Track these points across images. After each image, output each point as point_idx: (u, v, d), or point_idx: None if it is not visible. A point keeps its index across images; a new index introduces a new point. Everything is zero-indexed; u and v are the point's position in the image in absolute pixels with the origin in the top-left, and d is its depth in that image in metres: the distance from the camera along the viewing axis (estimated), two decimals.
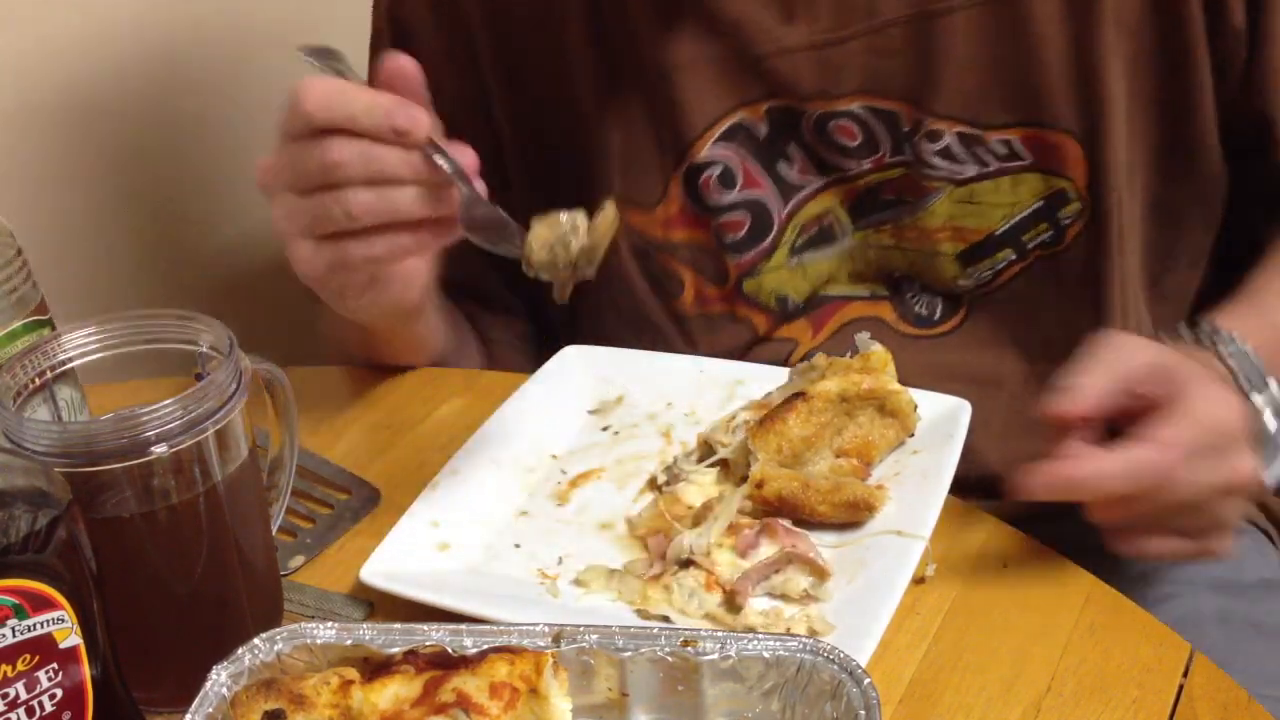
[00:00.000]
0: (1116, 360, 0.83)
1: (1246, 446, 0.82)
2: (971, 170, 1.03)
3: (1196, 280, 1.12)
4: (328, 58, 0.90)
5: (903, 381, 0.91)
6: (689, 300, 1.11)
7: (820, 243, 1.09)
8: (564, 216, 0.82)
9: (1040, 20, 0.99)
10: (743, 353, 1.11)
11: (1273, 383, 0.88)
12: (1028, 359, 1.06)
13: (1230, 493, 0.82)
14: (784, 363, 1.06)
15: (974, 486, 0.91)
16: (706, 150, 1.06)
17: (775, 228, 1.08)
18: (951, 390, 0.94)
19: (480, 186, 0.83)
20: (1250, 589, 1.04)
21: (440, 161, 0.82)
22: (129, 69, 1.47)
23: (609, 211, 0.82)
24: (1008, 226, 1.04)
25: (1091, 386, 0.81)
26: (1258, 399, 0.87)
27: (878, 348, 0.92)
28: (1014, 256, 1.06)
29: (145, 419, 0.71)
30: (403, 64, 0.84)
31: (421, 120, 0.81)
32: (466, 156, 0.83)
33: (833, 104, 1.03)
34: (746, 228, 1.08)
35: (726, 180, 1.07)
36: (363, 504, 0.95)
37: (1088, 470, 0.79)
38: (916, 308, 1.09)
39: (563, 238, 0.81)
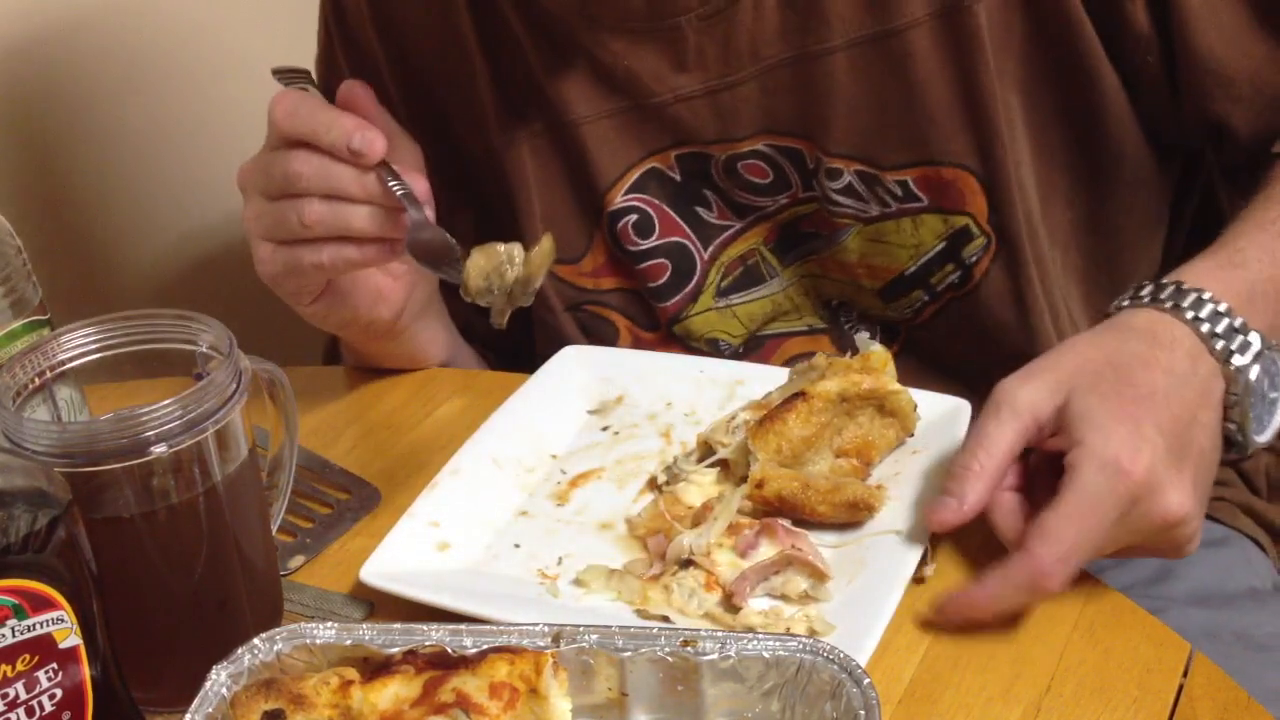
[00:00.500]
0: (1003, 430, 0.80)
1: (1173, 478, 0.77)
2: (875, 210, 1.03)
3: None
4: (297, 77, 0.97)
5: None
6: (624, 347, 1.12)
7: (747, 284, 1.09)
8: (502, 247, 0.85)
9: (921, 57, 0.97)
10: None
11: (1256, 337, 0.83)
12: (968, 387, 1.01)
13: (1167, 529, 0.78)
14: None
15: None
16: (620, 199, 1.07)
17: (699, 271, 1.08)
18: None
19: (429, 213, 0.87)
20: (1237, 599, 1.03)
21: (392, 184, 0.87)
22: (130, 69, 1.48)
23: (545, 244, 0.85)
24: (915, 268, 1.04)
25: (979, 475, 0.79)
26: (1239, 360, 0.82)
27: (877, 348, 0.92)
28: (926, 298, 1.05)
29: (145, 419, 0.71)
30: (356, 91, 0.91)
31: (377, 144, 0.87)
32: (419, 185, 0.88)
33: (736, 146, 1.04)
34: (669, 272, 1.09)
35: (643, 228, 1.08)
36: (363, 504, 0.95)
37: (981, 601, 0.78)
38: (855, 338, 1.09)
39: (499, 267, 0.85)
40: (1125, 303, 0.86)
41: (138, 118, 1.50)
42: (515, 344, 1.17)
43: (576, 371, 1.02)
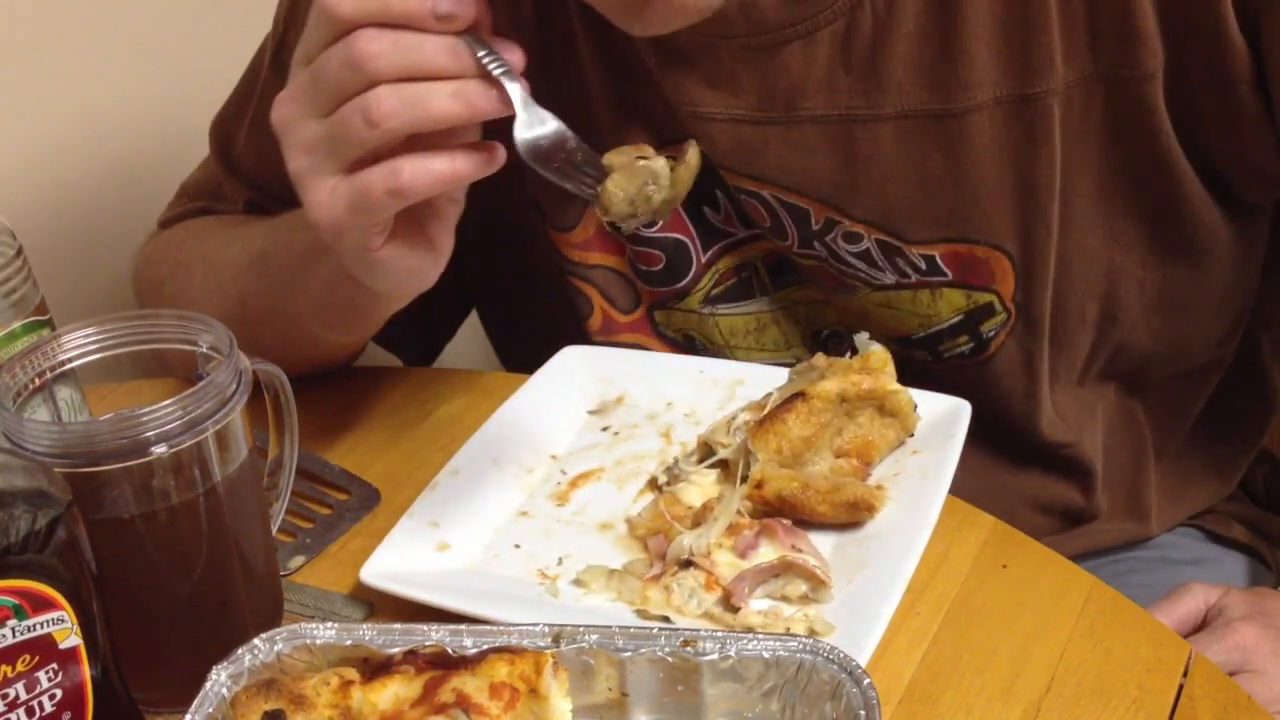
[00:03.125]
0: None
1: None
2: (890, 279, 0.98)
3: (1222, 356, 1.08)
4: None
5: None
6: (595, 325, 1.09)
7: (736, 296, 1.05)
8: (643, 163, 0.75)
9: (977, 140, 0.92)
10: None
11: None
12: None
13: None
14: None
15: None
16: None
17: (693, 271, 1.04)
18: None
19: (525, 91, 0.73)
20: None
21: (484, 56, 0.71)
22: (131, 68, 1.48)
23: (691, 158, 0.76)
24: (924, 335, 1.01)
25: None
26: None
27: (877, 348, 0.92)
28: (929, 359, 1.02)
29: (145, 419, 0.71)
30: None
31: (468, 3, 0.71)
32: (514, 55, 0.73)
33: (743, 182, 0.98)
34: (662, 265, 1.05)
35: None
36: (363, 504, 0.95)
37: None
38: (855, 337, 1.07)
39: (643, 189, 0.75)
40: None
41: (139, 117, 1.50)
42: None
43: (576, 371, 1.02)
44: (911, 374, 0.93)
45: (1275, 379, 1.14)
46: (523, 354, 1.13)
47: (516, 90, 0.72)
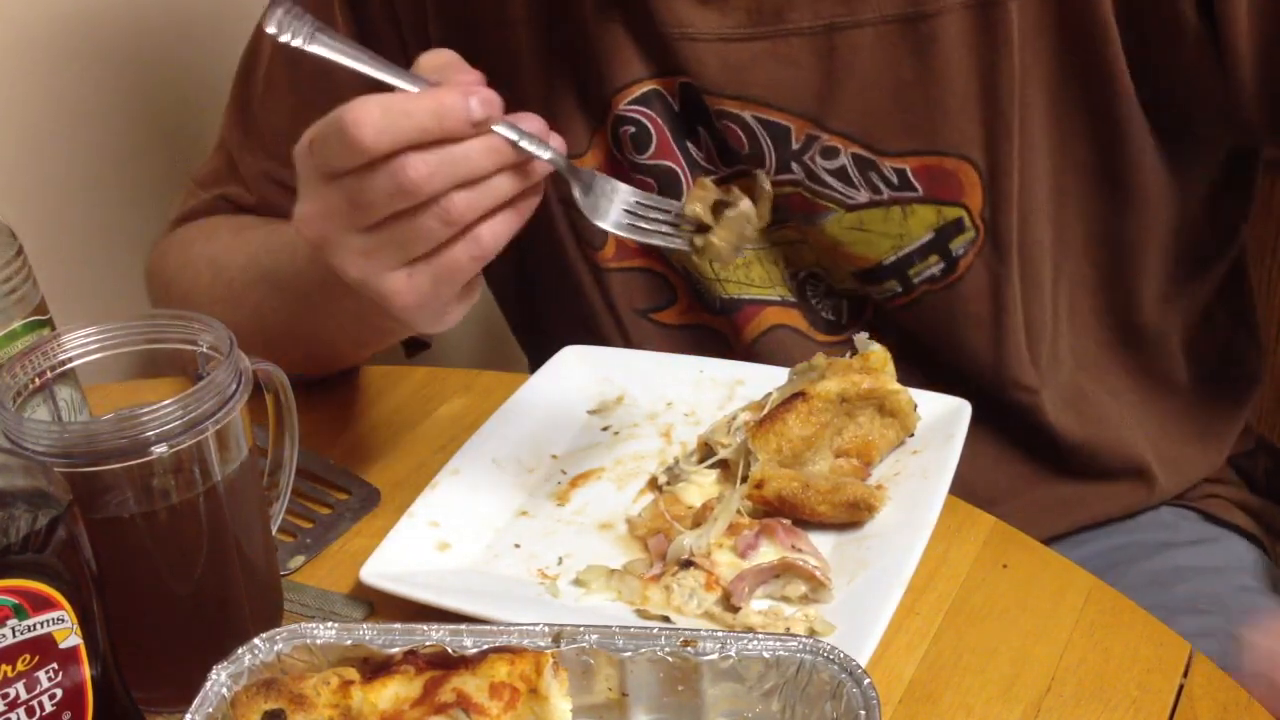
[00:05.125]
0: None
1: None
2: (864, 197, 1.01)
3: (1182, 310, 1.10)
4: (298, 24, 0.78)
5: None
6: (609, 253, 1.10)
7: None
8: (732, 213, 0.79)
9: (946, 44, 0.96)
10: (662, 309, 1.12)
11: None
12: (933, 373, 1.03)
13: None
14: (718, 353, 1.07)
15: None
16: (624, 106, 1.04)
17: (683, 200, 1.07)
18: None
19: (557, 145, 0.77)
20: (1233, 594, 1.04)
21: (511, 135, 0.75)
22: (132, 69, 1.48)
23: (764, 184, 0.81)
24: (895, 259, 1.02)
25: None
26: None
27: (877, 348, 0.92)
28: (899, 289, 1.04)
29: (145, 419, 0.71)
30: (449, 56, 0.79)
31: (494, 100, 0.75)
32: (534, 124, 0.77)
33: (727, 104, 1.01)
34: (655, 191, 1.06)
35: (640, 142, 1.05)
36: (363, 504, 0.95)
37: None
38: (823, 313, 1.09)
39: (742, 233, 0.80)
40: None
41: (140, 117, 1.50)
42: None
43: (576, 371, 1.02)
44: (880, 321, 0.97)
45: (1242, 342, 1.16)
46: (538, 339, 1.15)
47: (560, 160, 0.77)
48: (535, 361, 1.22)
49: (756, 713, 0.69)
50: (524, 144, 0.75)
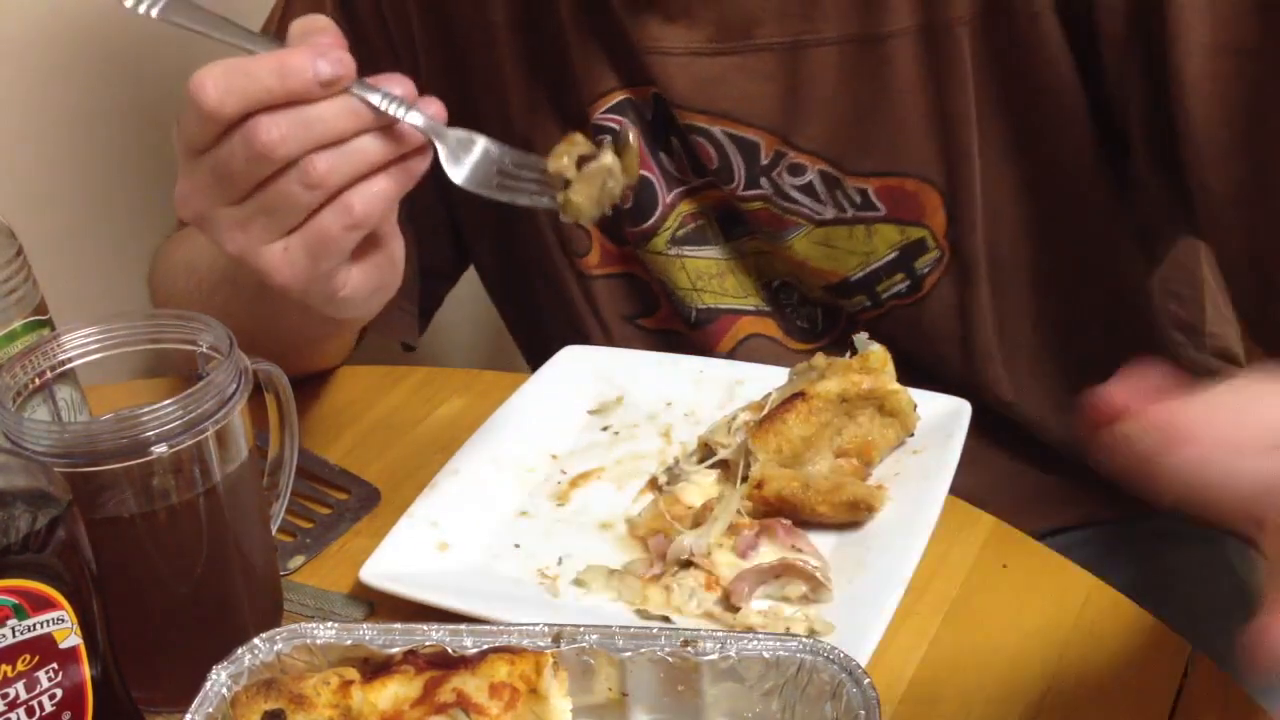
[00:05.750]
0: None
1: None
2: (830, 213, 1.01)
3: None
4: (183, 9, 0.78)
5: None
6: (594, 260, 1.11)
7: (698, 240, 1.08)
8: (595, 165, 0.78)
9: (900, 67, 0.96)
10: (646, 315, 1.12)
11: None
12: (906, 381, 1.02)
13: None
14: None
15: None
16: (598, 116, 1.05)
17: (659, 210, 1.07)
18: None
19: (432, 110, 0.75)
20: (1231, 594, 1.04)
21: (373, 97, 0.73)
22: (131, 69, 1.47)
23: (632, 139, 0.79)
24: (862, 275, 1.03)
25: None
26: None
27: (877, 348, 0.92)
28: (869, 304, 1.04)
29: (145, 419, 0.71)
30: (320, 23, 0.76)
31: (345, 60, 0.73)
32: (403, 87, 0.74)
33: (696, 118, 1.01)
34: (632, 200, 1.06)
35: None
36: (363, 504, 0.95)
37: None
38: (797, 321, 1.09)
39: (604, 188, 0.78)
40: None
41: (140, 117, 1.50)
42: None
43: (576, 371, 1.02)
44: (854, 330, 0.96)
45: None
46: (531, 338, 1.16)
47: (420, 120, 0.74)
48: (533, 361, 1.22)
49: (756, 713, 0.69)
50: (383, 105, 0.73)
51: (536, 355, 1.05)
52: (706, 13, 0.98)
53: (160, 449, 0.72)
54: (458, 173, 0.77)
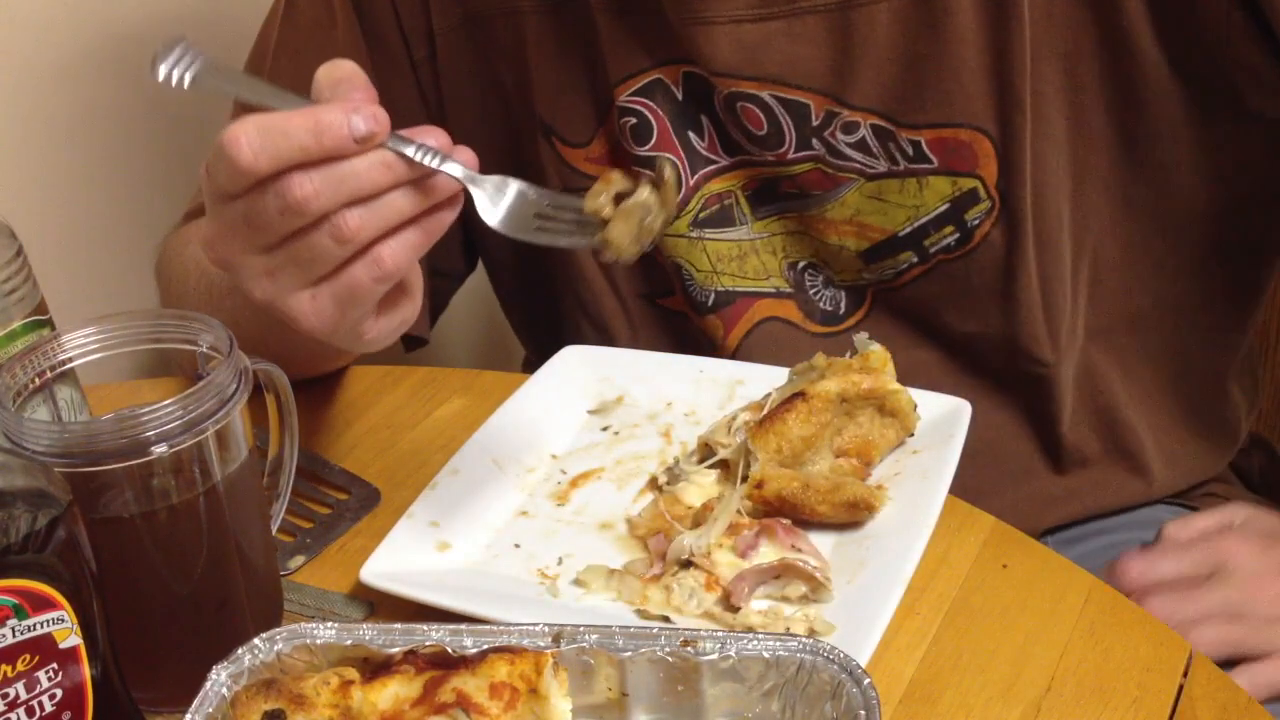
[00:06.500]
0: None
1: None
2: (883, 166, 1.01)
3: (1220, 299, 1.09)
4: (188, 63, 0.79)
5: None
6: None
7: (720, 222, 1.08)
8: (633, 202, 0.77)
9: (959, 16, 0.96)
10: (666, 296, 1.12)
11: None
12: (937, 351, 1.06)
13: None
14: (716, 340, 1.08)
15: None
16: (626, 97, 1.05)
17: (682, 194, 1.07)
18: None
19: (465, 159, 0.75)
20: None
21: (410, 151, 0.73)
22: (131, 69, 1.47)
23: (668, 176, 0.78)
24: (911, 229, 1.03)
25: None
26: None
27: (877, 348, 0.92)
28: (915, 260, 1.04)
29: (145, 419, 0.71)
30: (347, 70, 0.76)
31: (380, 116, 0.73)
32: (437, 138, 0.75)
33: (743, 85, 1.01)
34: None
35: (641, 133, 1.06)
36: (363, 504, 0.95)
37: None
38: (820, 303, 1.09)
39: (643, 223, 0.77)
40: None
41: (140, 117, 1.50)
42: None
43: (576, 371, 1.02)
44: (878, 309, 0.96)
45: (1256, 355, 1.16)
46: (541, 331, 1.16)
47: (458, 170, 0.74)
48: (534, 356, 1.22)
49: (756, 713, 0.69)
50: (418, 157, 0.73)
51: (545, 352, 1.05)
52: None
53: (160, 449, 0.72)
54: (494, 216, 0.77)
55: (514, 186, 0.77)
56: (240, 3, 1.55)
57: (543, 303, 1.19)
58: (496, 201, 0.76)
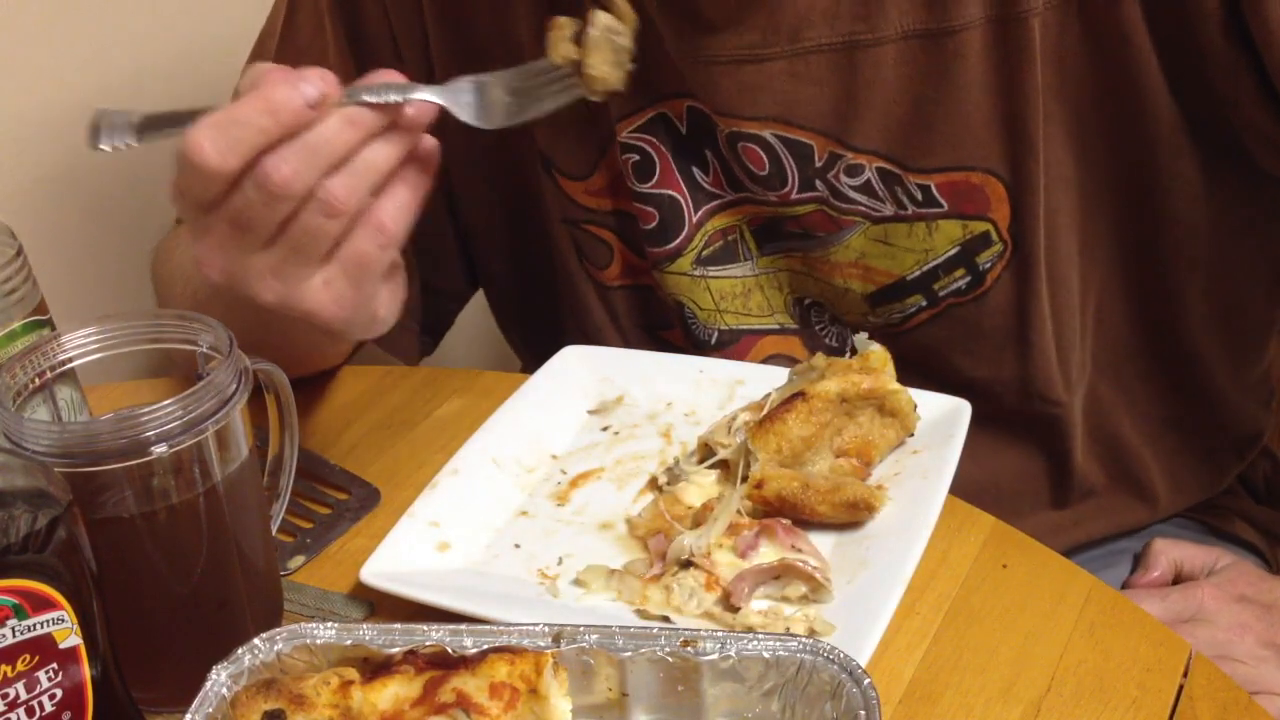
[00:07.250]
0: None
1: None
2: (889, 210, 0.99)
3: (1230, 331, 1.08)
4: (123, 124, 0.79)
5: None
6: (615, 272, 1.10)
7: (725, 259, 1.06)
8: (594, 32, 0.76)
9: (970, 59, 0.94)
10: (667, 329, 1.11)
11: None
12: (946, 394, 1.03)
13: None
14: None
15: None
16: (626, 135, 1.04)
17: (685, 231, 1.05)
18: None
19: (425, 93, 0.73)
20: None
21: (365, 96, 0.72)
22: (131, 69, 1.47)
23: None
24: (920, 273, 1.01)
25: None
26: None
27: (877, 348, 0.92)
28: (924, 303, 1.02)
29: (145, 419, 0.71)
30: (264, 67, 0.75)
31: (328, 76, 0.71)
32: (388, 77, 0.74)
33: (744, 125, 0.99)
34: (656, 222, 1.05)
35: (643, 170, 1.04)
36: (363, 504, 0.95)
37: None
38: (826, 340, 1.08)
39: (615, 46, 0.76)
40: None
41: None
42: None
43: (576, 371, 1.02)
44: (900, 345, 0.95)
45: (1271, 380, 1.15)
46: (542, 352, 1.15)
47: (423, 93, 0.73)
48: (530, 365, 1.22)
49: (756, 713, 0.69)
50: (379, 98, 0.71)
51: (539, 363, 1.05)
52: (752, 19, 0.96)
53: (160, 449, 0.72)
54: (473, 116, 0.76)
55: (468, 82, 0.76)
56: (239, 3, 1.55)
57: (543, 332, 1.18)
58: (474, 107, 0.76)
